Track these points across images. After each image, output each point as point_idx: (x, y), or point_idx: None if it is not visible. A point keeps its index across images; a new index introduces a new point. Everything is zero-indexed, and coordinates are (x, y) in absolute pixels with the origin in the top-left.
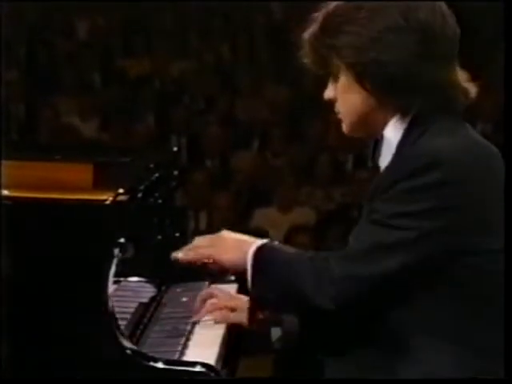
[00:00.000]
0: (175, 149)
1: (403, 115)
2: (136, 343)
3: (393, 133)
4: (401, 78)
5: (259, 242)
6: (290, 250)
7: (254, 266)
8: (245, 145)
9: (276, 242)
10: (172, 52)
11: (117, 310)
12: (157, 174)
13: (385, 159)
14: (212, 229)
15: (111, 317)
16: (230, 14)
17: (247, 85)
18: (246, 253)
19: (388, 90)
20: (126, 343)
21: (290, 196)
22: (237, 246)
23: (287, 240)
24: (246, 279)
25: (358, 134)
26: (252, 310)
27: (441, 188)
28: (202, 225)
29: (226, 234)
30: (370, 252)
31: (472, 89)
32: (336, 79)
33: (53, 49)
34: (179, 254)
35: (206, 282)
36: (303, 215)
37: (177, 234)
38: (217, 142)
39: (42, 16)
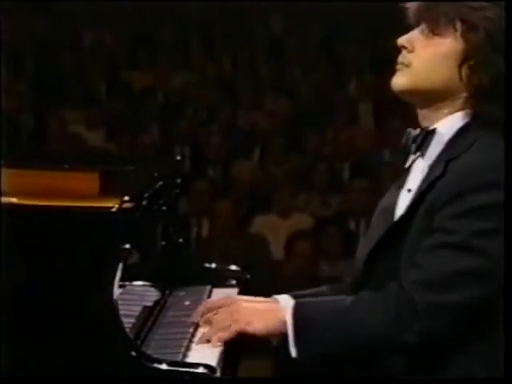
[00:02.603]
0: (178, 158)
1: (465, 114)
2: (140, 345)
3: (447, 129)
4: (496, 85)
5: (289, 302)
6: (324, 300)
7: (296, 329)
8: (245, 154)
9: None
10: (175, 65)
11: (122, 313)
12: (161, 182)
13: (432, 153)
14: (214, 235)
15: (117, 320)
16: (230, 28)
17: (248, 96)
18: (280, 319)
19: (481, 88)
20: (131, 345)
21: (289, 203)
22: (266, 314)
23: (287, 245)
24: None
25: (410, 96)
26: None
27: (502, 206)
28: (205, 231)
29: (240, 299)
30: (454, 278)
31: None
32: (432, 36)
33: (60, 62)
34: (206, 337)
35: (208, 286)
36: (302, 221)
37: (180, 240)
38: (218, 151)
39: (50, 30)
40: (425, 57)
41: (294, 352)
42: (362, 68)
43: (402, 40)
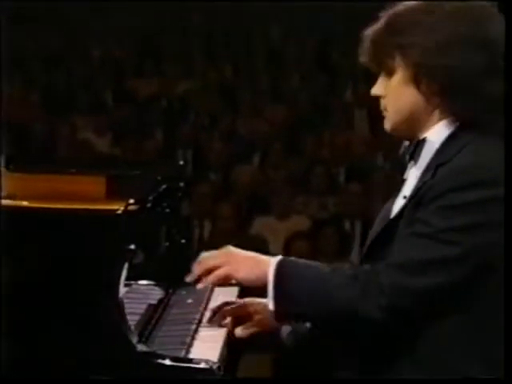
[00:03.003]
0: (181, 162)
1: (450, 121)
2: (145, 342)
3: (436, 137)
4: (460, 85)
5: (276, 258)
6: (311, 263)
7: (276, 283)
8: (245, 159)
9: (292, 258)
10: (178, 73)
11: (127, 310)
12: (164, 186)
13: (423, 161)
14: (215, 237)
15: (122, 317)
16: (231, 38)
17: (248, 103)
18: (264, 270)
19: (445, 95)
20: (136, 341)
21: (288, 205)
22: (253, 264)
23: (286, 245)
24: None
25: (399, 133)
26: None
27: (490, 204)
28: (206, 232)
29: (234, 249)
30: (422, 265)
31: None
32: (390, 77)
33: (69, 72)
34: (194, 279)
35: (210, 285)
36: (299, 223)
37: (183, 241)
38: (220, 156)
39: (59, 41)
40: (391, 96)
41: (271, 305)
42: (357, 77)
43: (373, 91)
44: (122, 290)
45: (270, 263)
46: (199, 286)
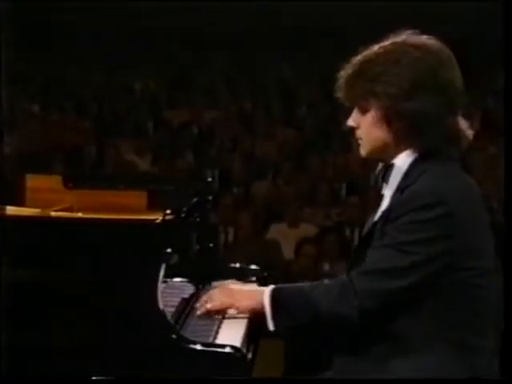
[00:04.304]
0: (209, 179)
1: (413, 150)
2: (179, 329)
3: (402, 162)
4: (422, 124)
5: (268, 288)
6: (295, 286)
7: (272, 307)
8: (262, 176)
9: (279, 285)
10: (205, 104)
11: (165, 303)
12: (195, 199)
13: (393, 183)
14: (237, 241)
15: (161, 309)
16: (250, 74)
17: (263, 129)
18: (260, 301)
19: (409, 131)
20: (172, 329)
21: (297, 215)
22: (250, 296)
23: (296, 249)
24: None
25: (372, 157)
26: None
27: (443, 221)
28: (230, 238)
29: (234, 285)
30: (386, 272)
31: (470, 136)
32: (364, 113)
33: (115, 103)
34: (203, 309)
35: (232, 281)
36: (307, 230)
37: (211, 245)
38: (240, 174)
39: (108, 76)
40: (365, 130)
41: (271, 325)
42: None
43: (349, 122)
44: (161, 286)
45: (265, 293)
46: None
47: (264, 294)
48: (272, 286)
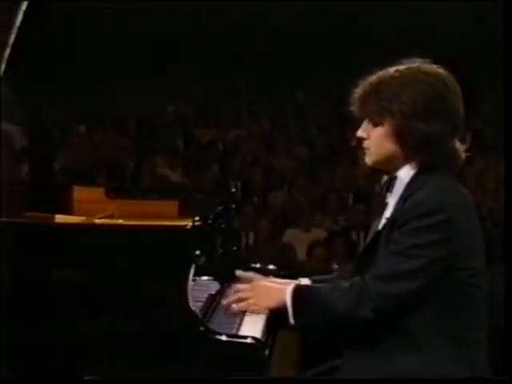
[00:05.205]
0: (233, 190)
1: (415, 164)
2: (206, 322)
3: (405, 174)
4: (429, 143)
5: (290, 286)
6: (315, 286)
7: (293, 305)
8: (279, 187)
9: (303, 282)
10: (230, 124)
11: (194, 299)
12: (220, 207)
13: (396, 193)
14: (257, 244)
15: (190, 304)
16: (268, 98)
17: (280, 146)
18: (280, 299)
19: (416, 148)
20: (200, 322)
21: (309, 221)
22: (274, 294)
23: (308, 251)
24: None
25: (377, 167)
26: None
27: (443, 226)
28: (251, 241)
29: (260, 281)
30: (396, 276)
31: (463, 156)
32: (375, 125)
33: (151, 124)
34: (233, 305)
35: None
36: (318, 234)
37: (234, 248)
38: (260, 185)
39: (142, 101)
40: (374, 142)
41: (292, 321)
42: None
43: (359, 133)
44: (190, 284)
45: (287, 291)
46: (232, 310)
47: (286, 294)
48: (293, 286)
